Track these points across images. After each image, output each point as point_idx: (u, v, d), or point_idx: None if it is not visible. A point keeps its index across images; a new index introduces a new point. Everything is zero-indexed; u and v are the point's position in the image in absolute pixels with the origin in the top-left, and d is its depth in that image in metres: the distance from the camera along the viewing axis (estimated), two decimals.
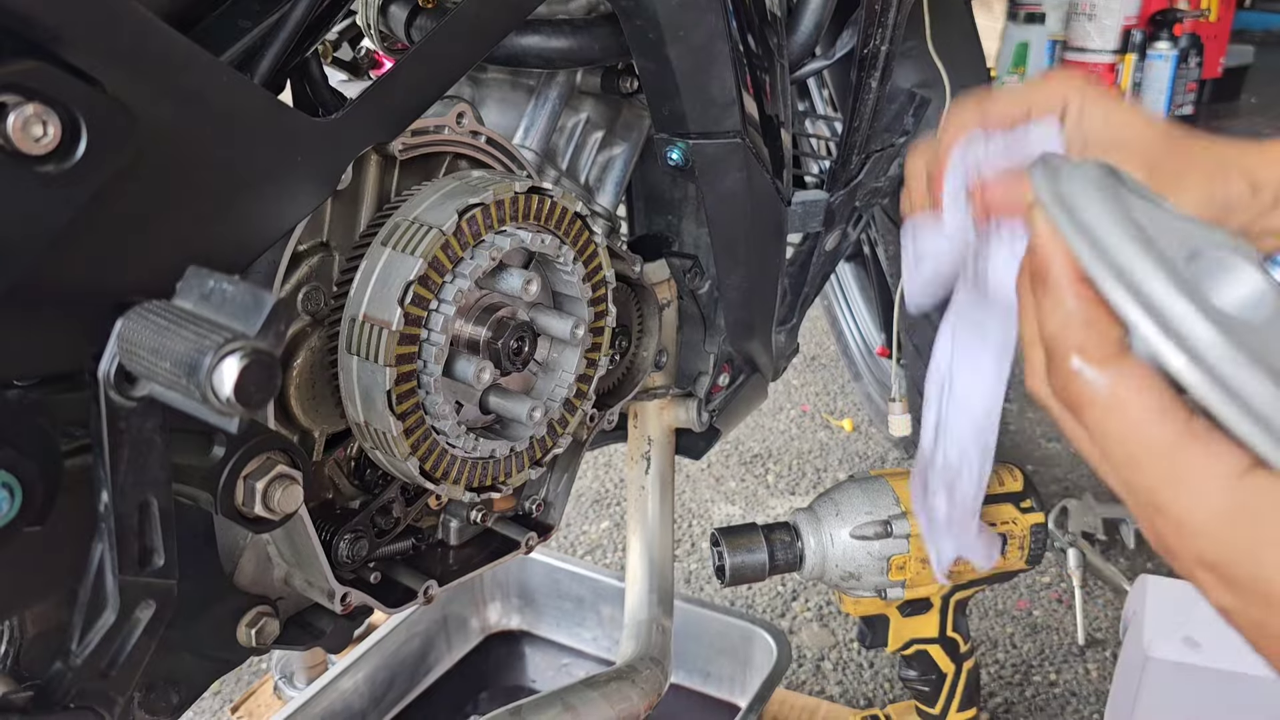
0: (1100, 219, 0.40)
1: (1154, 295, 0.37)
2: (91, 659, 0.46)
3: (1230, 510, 0.35)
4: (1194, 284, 0.38)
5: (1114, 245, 0.39)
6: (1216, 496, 0.35)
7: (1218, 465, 0.36)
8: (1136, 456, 0.37)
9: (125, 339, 0.42)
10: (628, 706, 0.95)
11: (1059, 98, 0.62)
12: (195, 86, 0.52)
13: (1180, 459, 0.36)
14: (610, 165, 0.94)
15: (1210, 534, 0.36)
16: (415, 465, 0.70)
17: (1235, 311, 0.39)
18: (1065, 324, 0.39)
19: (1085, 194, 0.42)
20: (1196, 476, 0.36)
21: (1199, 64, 4.69)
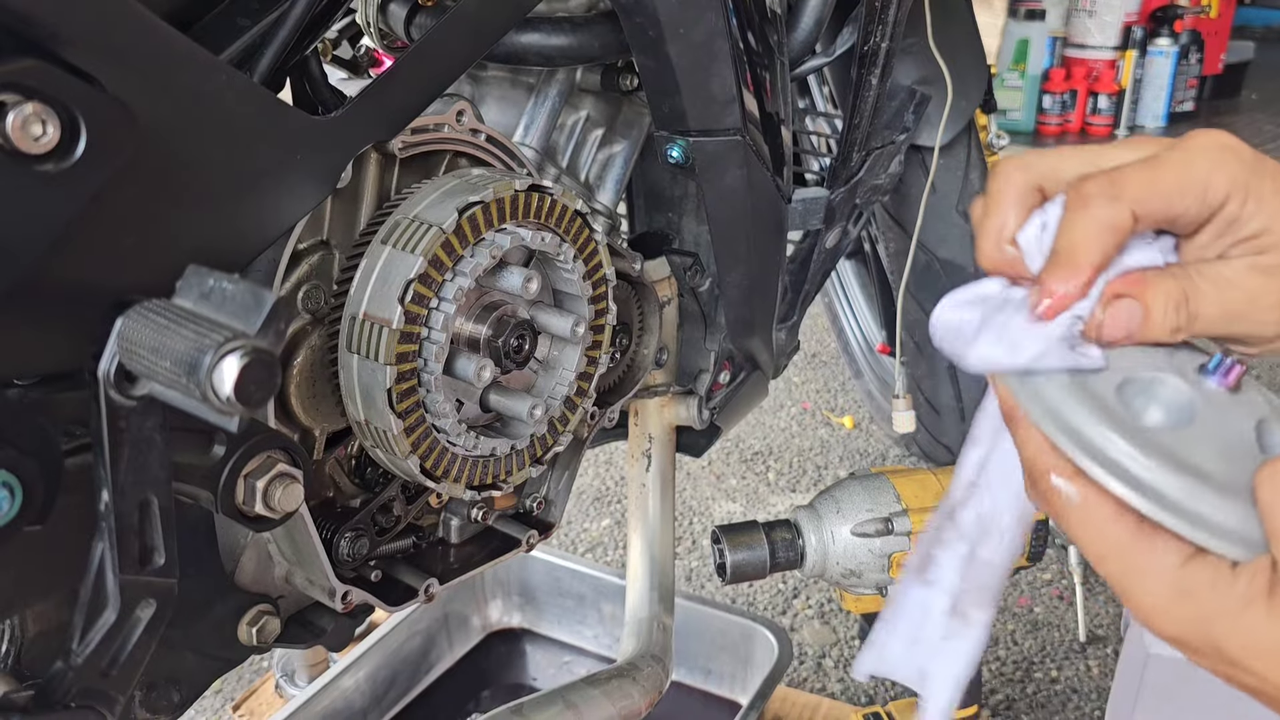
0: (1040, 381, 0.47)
1: (1083, 434, 0.44)
2: (92, 658, 0.46)
3: (1177, 595, 0.42)
4: (1120, 412, 0.45)
5: (1049, 397, 0.46)
6: (1164, 585, 0.42)
7: (1162, 559, 0.42)
8: (1103, 555, 0.44)
9: (125, 338, 0.42)
10: (629, 704, 0.95)
11: (1203, 184, 0.46)
12: (195, 85, 0.52)
13: (1132, 557, 0.43)
14: (610, 163, 0.94)
15: (1165, 615, 0.43)
16: (416, 463, 0.70)
17: (1161, 423, 0.46)
18: (1037, 452, 0.46)
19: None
20: (1147, 570, 0.43)
21: (1199, 60, 4.69)
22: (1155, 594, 0.43)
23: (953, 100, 1.14)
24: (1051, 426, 0.45)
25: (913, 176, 1.28)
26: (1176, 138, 0.48)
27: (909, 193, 1.32)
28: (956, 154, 1.33)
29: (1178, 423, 0.46)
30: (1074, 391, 0.46)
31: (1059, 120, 4.49)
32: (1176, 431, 0.45)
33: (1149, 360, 0.48)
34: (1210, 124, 4.65)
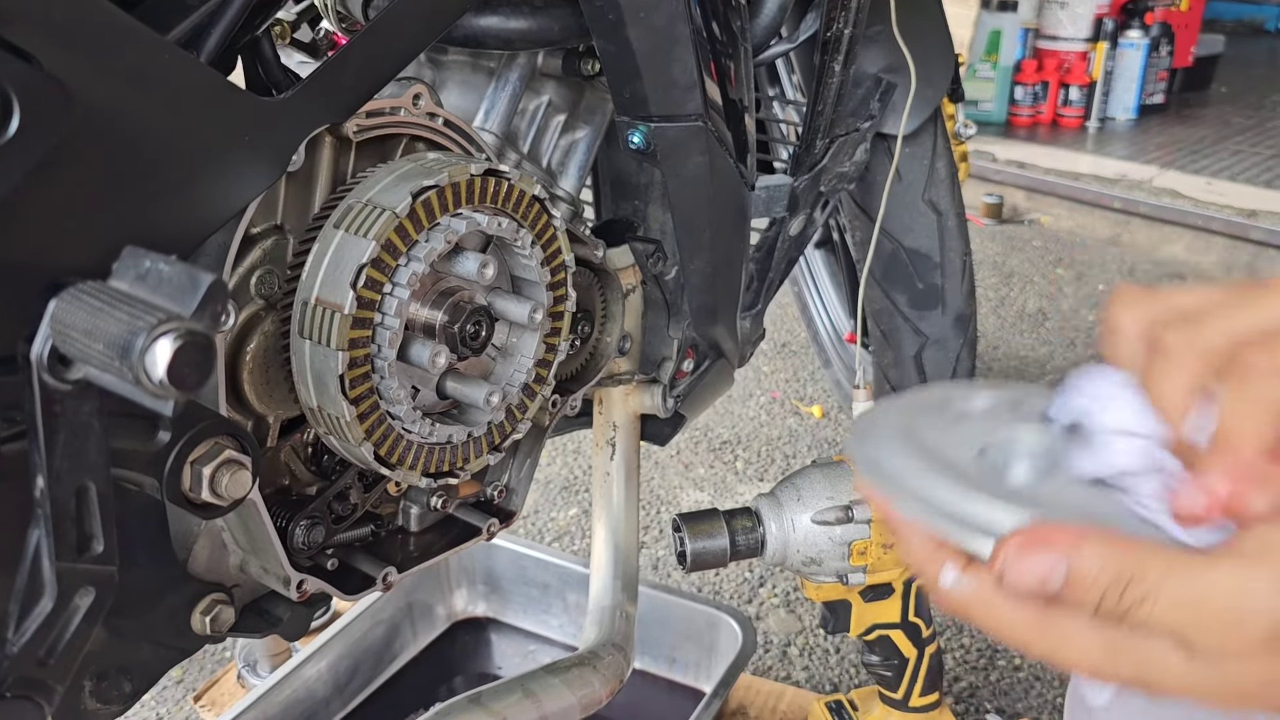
0: (895, 467, 0.46)
1: (953, 509, 0.43)
2: (28, 647, 0.46)
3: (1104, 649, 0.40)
4: (983, 479, 0.45)
5: (912, 486, 0.45)
6: (1093, 645, 0.41)
7: (1080, 619, 0.41)
8: (1026, 640, 0.42)
9: (58, 320, 0.41)
10: (589, 692, 0.94)
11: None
12: (137, 64, 0.51)
13: (1049, 628, 0.41)
14: (573, 149, 0.94)
15: (1099, 673, 0.41)
16: (370, 450, 0.69)
17: (1028, 478, 0.46)
18: (921, 555, 0.45)
19: (883, 446, 0.48)
20: (1071, 634, 0.41)
21: (1170, 53, 4.73)
22: (1089, 653, 0.41)
23: (917, 88, 1.14)
24: (920, 510, 0.44)
25: (879, 165, 1.29)
26: None
27: (875, 181, 1.32)
28: (922, 143, 1.33)
29: (1043, 471, 0.46)
30: (932, 471, 0.45)
31: (1031, 111, 4.51)
32: (1044, 482, 0.46)
33: (1001, 419, 0.49)
34: (1180, 117, 4.70)
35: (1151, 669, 0.40)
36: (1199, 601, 0.38)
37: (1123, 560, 0.39)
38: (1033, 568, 0.40)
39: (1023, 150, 4.02)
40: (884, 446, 0.48)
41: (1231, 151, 4.07)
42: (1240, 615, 0.38)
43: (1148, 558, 0.39)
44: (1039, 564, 0.40)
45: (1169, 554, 0.39)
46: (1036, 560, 0.40)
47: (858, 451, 0.50)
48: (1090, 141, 4.30)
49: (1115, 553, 0.39)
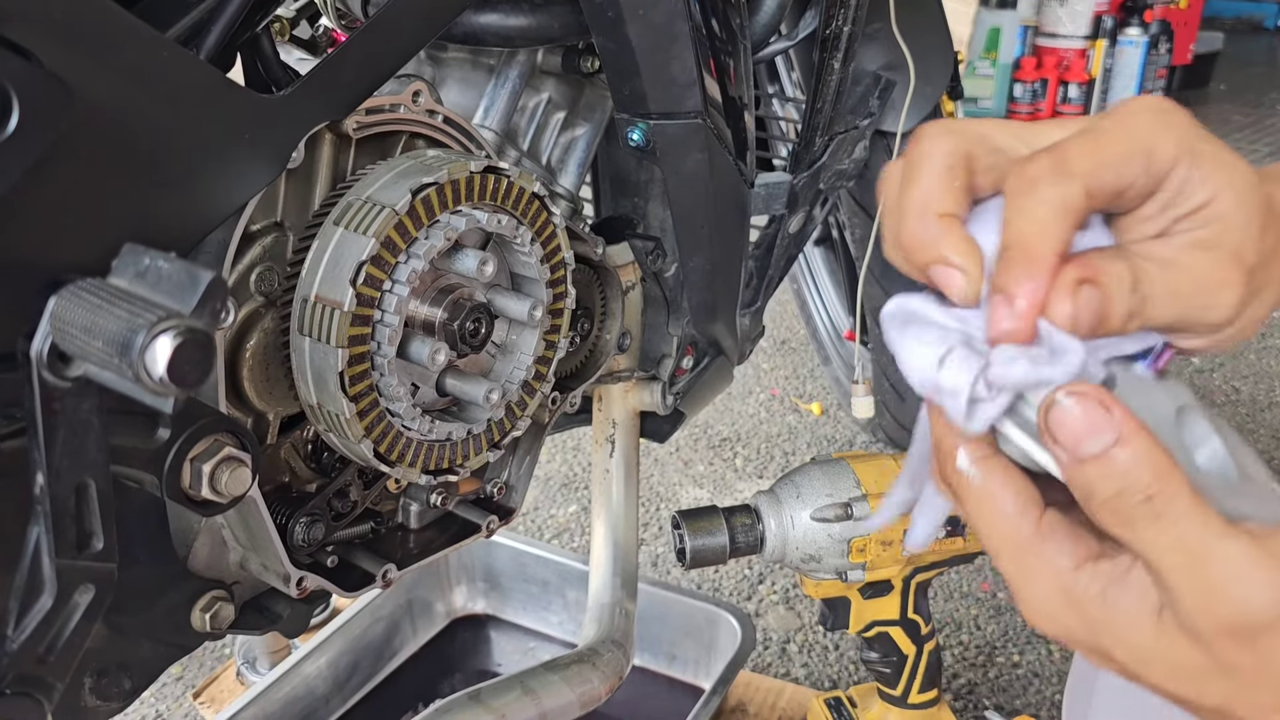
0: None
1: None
2: (28, 644, 0.46)
3: (1064, 601, 0.41)
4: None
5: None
6: (1053, 589, 0.41)
7: (1055, 561, 0.41)
8: (998, 549, 0.43)
9: (58, 318, 0.41)
10: (588, 689, 0.95)
11: (1148, 150, 0.42)
12: (137, 62, 0.51)
13: (1026, 555, 0.42)
14: (573, 146, 0.94)
15: (1051, 619, 0.42)
16: (369, 448, 0.69)
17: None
18: (946, 429, 0.43)
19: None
20: (1038, 571, 0.41)
21: (1169, 50, 4.73)
22: (1043, 597, 0.42)
23: (916, 86, 1.14)
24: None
25: (878, 162, 1.28)
26: (1106, 110, 0.44)
27: (874, 178, 1.32)
28: None
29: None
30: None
31: (1030, 109, 4.51)
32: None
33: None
34: None
35: (1117, 617, 0.40)
36: (1201, 554, 0.38)
37: (1167, 472, 0.38)
38: (1085, 420, 0.38)
39: None
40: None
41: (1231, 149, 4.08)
42: (1229, 593, 0.38)
43: (1184, 487, 0.38)
44: (1093, 420, 0.38)
45: (1202, 501, 0.39)
46: (1092, 416, 0.38)
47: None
48: None
49: (1162, 462, 0.38)
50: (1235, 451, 0.45)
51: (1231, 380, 2.54)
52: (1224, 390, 2.49)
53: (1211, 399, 2.44)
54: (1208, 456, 0.44)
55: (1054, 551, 0.41)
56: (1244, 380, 2.55)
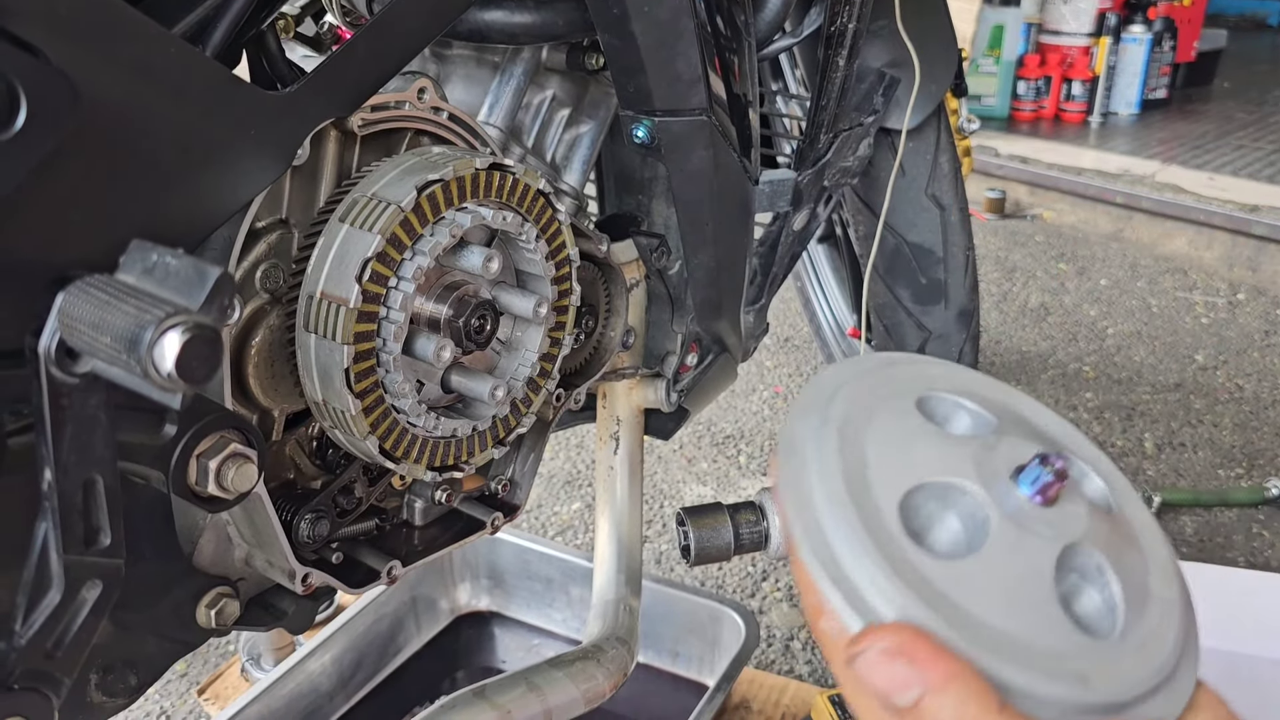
0: (811, 485, 0.42)
1: (840, 562, 0.39)
2: (36, 640, 0.46)
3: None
4: (894, 532, 0.40)
5: (817, 517, 0.41)
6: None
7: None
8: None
9: (66, 314, 0.41)
10: (593, 686, 0.95)
11: None
12: (143, 58, 0.51)
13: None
14: (577, 143, 0.94)
15: None
16: (375, 444, 0.69)
17: (945, 547, 0.41)
18: (807, 594, 0.41)
19: (813, 444, 0.44)
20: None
21: (1173, 48, 4.72)
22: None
23: (920, 83, 1.14)
24: (808, 550, 0.40)
25: (882, 159, 1.28)
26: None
27: (879, 176, 1.32)
28: (926, 137, 1.33)
29: (965, 548, 0.41)
30: (844, 502, 0.41)
31: (1033, 106, 4.51)
32: (956, 563, 0.40)
33: (960, 454, 0.42)
34: (1183, 112, 4.69)
35: None
36: None
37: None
38: (887, 676, 0.37)
39: (1025, 145, 4.02)
40: (814, 445, 0.44)
41: (1234, 147, 4.07)
42: None
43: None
44: (894, 676, 0.37)
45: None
46: (893, 671, 0.37)
47: (785, 443, 0.45)
48: (1093, 136, 4.29)
49: (974, 708, 0.36)
50: (1135, 592, 0.41)
51: (1235, 378, 2.54)
52: (1227, 388, 2.49)
53: (1215, 397, 2.44)
54: (1094, 606, 0.41)
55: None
56: (1247, 378, 2.54)
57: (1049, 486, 0.40)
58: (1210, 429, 2.30)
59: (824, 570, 0.40)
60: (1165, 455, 2.20)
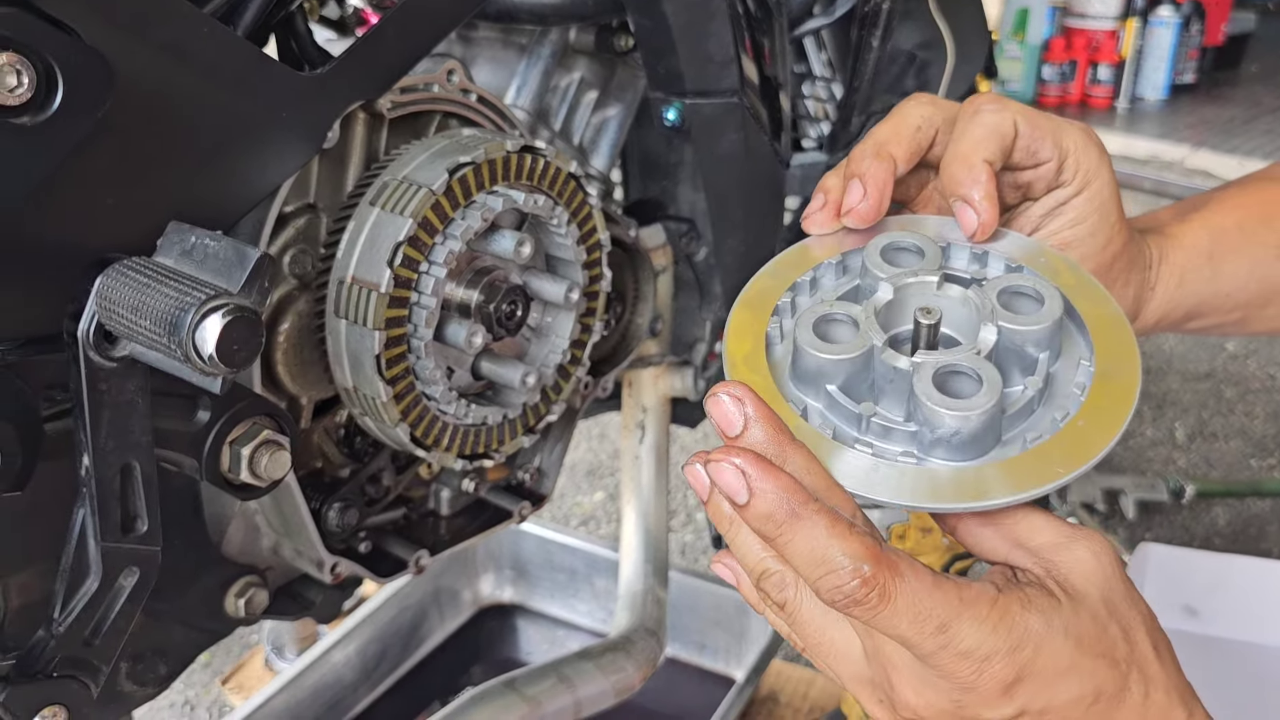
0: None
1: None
2: (74, 627, 0.45)
3: (1016, 636, 0.43)
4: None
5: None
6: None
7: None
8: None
9: (104, 297, 0.40)
10: (623, 677, 0.94)
11: (1061, 140, 0.55)
12: (177, 37, 0.50)
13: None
14: (605, 127, 0.92)
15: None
16: (405, 432, 0.68)
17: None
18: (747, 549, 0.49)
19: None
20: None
21: (1201, 31, 4.66)
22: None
23: (954, 65, 1.12)
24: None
25: None
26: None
27: None
28: None
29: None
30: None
31: (1059, 91, 4.46)
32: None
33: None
34: (1211, 96, 4.63)
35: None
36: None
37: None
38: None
39: None
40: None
41: (1263, 131, 4.02)
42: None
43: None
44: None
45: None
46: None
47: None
48: (1120, 121, 4.25)
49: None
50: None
51: (1267, 367, 2.50)
52: (1259, 376, 2.45)
53: (1247, 386, 2.41)
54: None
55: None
56: (1279, 367, 2.51)
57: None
58: (1242, 418, 2.27)
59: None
60: (1197, 445, 2.17)
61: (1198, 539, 1.86)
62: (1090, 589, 0.45)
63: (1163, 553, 1.15)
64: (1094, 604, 0.44)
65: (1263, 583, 1.19)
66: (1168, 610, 1.08)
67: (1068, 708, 0.43)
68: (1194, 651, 1.07)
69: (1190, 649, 1.10)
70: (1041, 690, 0.43)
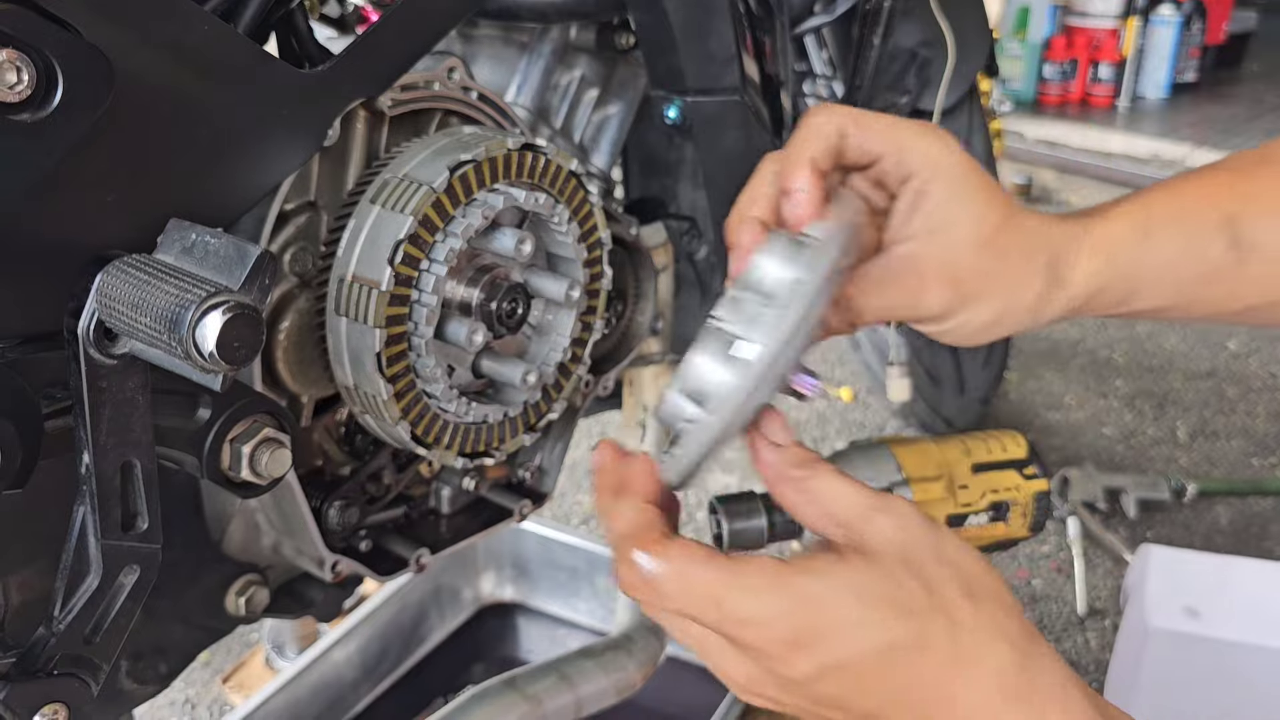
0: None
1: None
2: (75, 625, 0.45)
3: (790, 598, 0.46)
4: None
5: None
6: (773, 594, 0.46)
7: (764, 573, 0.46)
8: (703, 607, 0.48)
9: (104, 294, 0.40)
10: (624, 676, 0.94)
11: (903, 144, 0.57)
12: (177, 35, 0.50)
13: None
14: (605, 125, 0.92)
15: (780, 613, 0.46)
16: (406, 429, 0.68)
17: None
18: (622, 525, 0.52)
19: None
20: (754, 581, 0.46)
21: (1202, 30, 4.65)
22: (764, 604, 0.46)
23: (955, 63, 1.12)
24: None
25: None
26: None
27: None
28: (959, 119, 1.31)
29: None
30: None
31: (1060, 90, 4.45)
32: None
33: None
34: (1212, 95, 4.62)
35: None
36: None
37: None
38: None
39: (1052, 129, 3.98)
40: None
41: (1265, 130, 4.01)
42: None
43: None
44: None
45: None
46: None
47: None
48: (1121, 120, 4.24)
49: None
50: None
51: (1269, 365, 2.50)
52: (1261, 375, 2.45)
53: (1249, 385, 2.41)
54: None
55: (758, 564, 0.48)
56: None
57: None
58: (1244, 417, 2.27)
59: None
60: (1198, 444, 2.17)
61: (1199, 538, 1.85)
62: (887, 550, 0.47)
63: (1164, 554, 1.15)
64: (888, 563, 0.46)
65: (1264, 584, 1.19)
66: (1169, 612, 1.08)
67: (863, 659, 0.45)
68: (1196, 653, 1.08)
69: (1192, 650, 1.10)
70: (832, 646, 0.45)
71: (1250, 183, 0.62)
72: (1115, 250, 0.60)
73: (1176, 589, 1.11)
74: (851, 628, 0.45)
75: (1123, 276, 0.61)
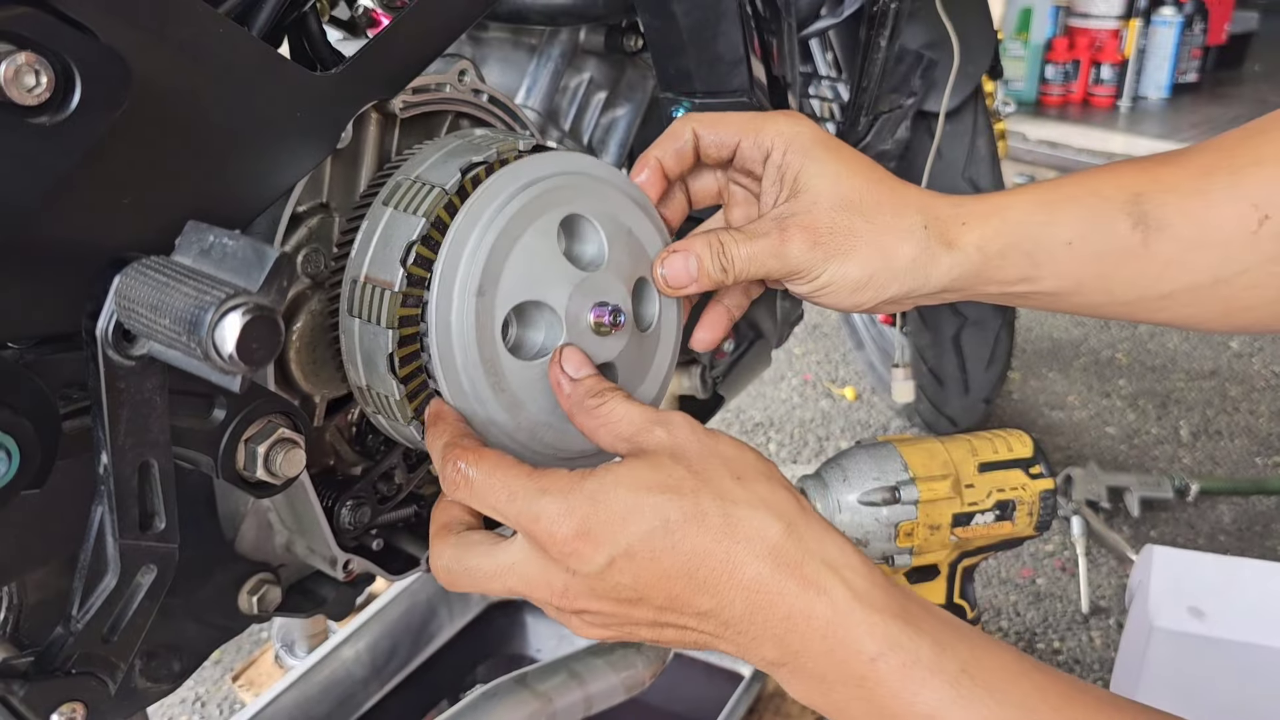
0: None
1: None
2: (92, 624, 0.46)
3: (576, 496, 0.51)
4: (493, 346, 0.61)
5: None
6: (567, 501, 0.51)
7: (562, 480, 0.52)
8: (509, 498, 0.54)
9: (123, 295, 0.41)
10: (633, 674, 0.94)
11: (759, 129, 0.63)
12: (192, 37, 0.51)
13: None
14: (614, 127, 0.93)
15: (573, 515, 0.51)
16: (418, 430, 0.68)
17: (528, 351, 0.63)
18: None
19: None
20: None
21: (1204, 30, 4.65)
22: (564, 513, 0.51)
23: (960, 65, 1.12)
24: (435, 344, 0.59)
25: (919, 143, 1.27)
26: None
27: (915, 159, 1.30)
28: (963, 120, 1.31)
29: (539, 352, 0.62)
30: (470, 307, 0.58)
31: (1062, 90, 4.45)
32: (527, 363, 0.61)
33: (566, 280, 0.61)
34: (1213, 95, 4.62)
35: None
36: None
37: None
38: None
39: (1054, 130, 3.98)
40: (471, 247, 0.62)
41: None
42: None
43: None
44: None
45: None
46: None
47: (454, 234, 0.62)
48: (1122, 120, 4.24)
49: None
50: None
51: (1271, 365, 2.50)
52: (1264, 375, 2.45)
53: (1251, 384, 2.41)
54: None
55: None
56: None
57: (605, 326, 0.60)
58: (1247, 416, 2.27)
59: (440, 362, 0.58)
60: (1201, 443, 2.17)
61: (1203, 537, 1.86)
62: (658, 449, 0.52)
63: (1168, 555, 1.15)
64: (656, 458, 0.51)
65: (1268, 585, 1.20)
66: (1173, 611, 1.08)
67: (645, 540, 0.49)
68: (1200, 653, 1.08)
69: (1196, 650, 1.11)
70: (614, 533, 0.49)
71: (1161, 166, 0.61)
72: (1011, 219, 0.61)
73: (1180, 589, 1.11)
74: (628, 512, 0.49)
75: (1022, 251, 0.61)
